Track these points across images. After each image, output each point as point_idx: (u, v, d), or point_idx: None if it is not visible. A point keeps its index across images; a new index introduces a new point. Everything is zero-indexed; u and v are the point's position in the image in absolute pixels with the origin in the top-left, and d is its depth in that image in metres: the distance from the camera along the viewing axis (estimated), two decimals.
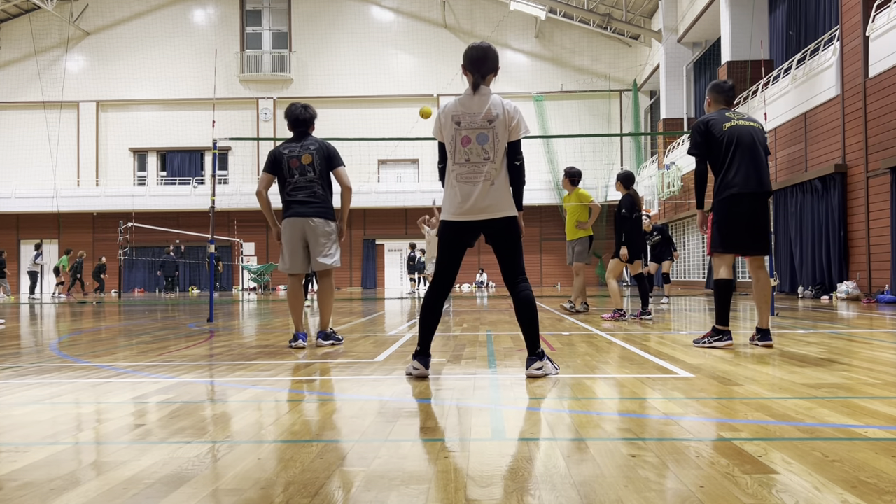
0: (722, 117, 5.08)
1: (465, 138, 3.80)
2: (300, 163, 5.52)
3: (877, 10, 13.04)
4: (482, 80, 3.88)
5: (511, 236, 3.83)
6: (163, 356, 5.02)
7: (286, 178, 5.53)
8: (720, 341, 4.96)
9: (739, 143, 4.97)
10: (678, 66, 26.24)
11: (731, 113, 5.12)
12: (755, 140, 5.02)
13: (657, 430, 2.51)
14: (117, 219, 26.14)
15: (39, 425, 2.74)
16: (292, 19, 34.08)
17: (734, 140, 4.98)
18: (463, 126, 3.80)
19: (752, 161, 4.95)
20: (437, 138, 3.90)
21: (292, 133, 5.67)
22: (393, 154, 32.28)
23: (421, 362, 3.86)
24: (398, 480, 1.93)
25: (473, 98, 3.84)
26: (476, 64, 3.88)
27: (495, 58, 3.93)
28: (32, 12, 33.53)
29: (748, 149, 4.97)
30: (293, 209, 5.50)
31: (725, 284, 5.00)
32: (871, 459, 2.05)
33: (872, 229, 13.13)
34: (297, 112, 5.65)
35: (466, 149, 3.79)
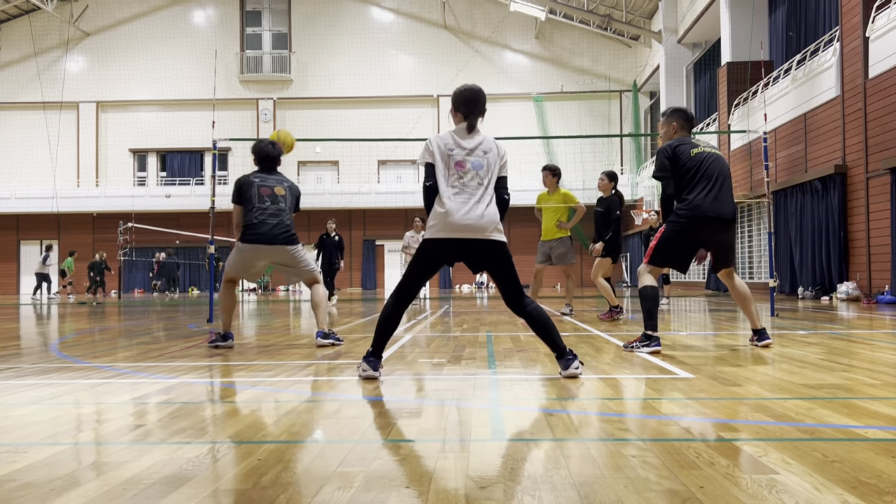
0: (689, 143, 5.14)
1: (460, 163, 3.85)
2: (272, 192, 5.73)
3: (877, 11, 13.05)
4: (475, 120, 3.98)
5: (505, 260, 3.86)
6: (163, 357, 5.02)
7: (255, 205, 5.66)
8: (648, 347, 4.90)
9: (708, 169, 5.03)
10: (678, 67, 26.25)
11: (696, 140, 5.19)
12: (722, 167, 5.12)
13: (657, 430, 2.51)
14: (117, 219, 26.14)
15: (39, 425, 2.74)
16: (292, 20, 34.08)
17: (702, 165, 5.03)
18: (456, 154, 3.87)
19: (722, 187, 5.01)
20: (427, 161, 3.89)
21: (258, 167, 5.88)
22: (393, 155, 32.27)
23: (370, 364, 3.81)
24: (398, 480, 1.92)
25: (468, 135, 3.94)
26: (470, 105, 4.00)
27: (485, 100, 4.10)
28: (32, 13, 33.54)
29: (716, 175, 5.03)
30: (262, 234, 5.61)
31: (654, 291, 5.05)
32: (871, 460, 2.05)
33: (872, 230, 13.13)
34: (266, 150, 5.86)
35: (461, 172, 3.84)
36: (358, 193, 31.47)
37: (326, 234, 14.38)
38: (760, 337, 5.10)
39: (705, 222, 4.92)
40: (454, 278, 32.06)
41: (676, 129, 5.33)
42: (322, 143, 32.17)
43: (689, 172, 5.02)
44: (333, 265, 14.16)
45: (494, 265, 3.85)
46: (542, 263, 9.11)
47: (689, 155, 5.06)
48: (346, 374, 4.05)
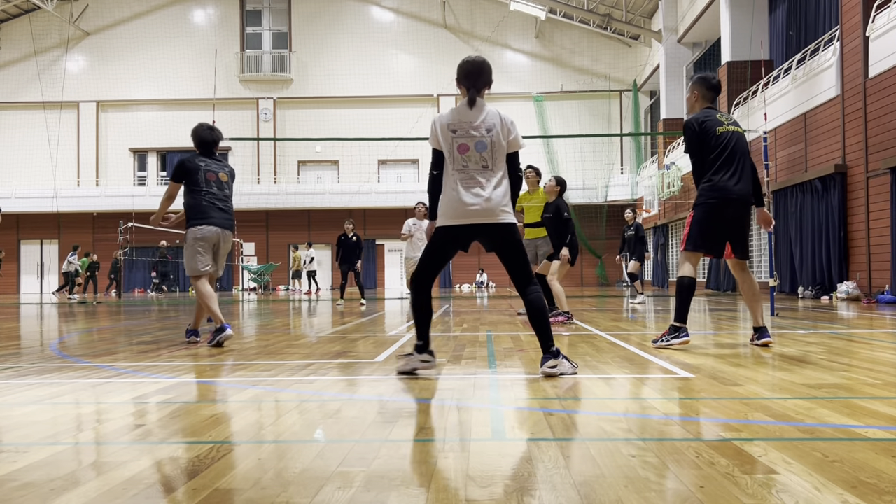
0: (714, 120, 5.05)
1: (463, 146, 3.83)
2: (217, 178, 5.96)
3: (877, 11, 13.04)
4: (477, 93, 3.94)
5: (515, 243, 3.86)
6: (163, 356, 5.02)
7: (202, 188, 5.86)
8: (677, 338, 4.95)
9: (734, 149, 4.99)
10: (678, 67, 26.25)
11: (721, 116, 5.09)
12: (744, 145, 5.08)
13: (657, 430, 2.51)
14: (117, 219, 26.14)
15: (39, 425, 2.74)
16: (292, 19, 34.08)
17: (729, 144, 4.99)
18: (459, 134, 3.84)
19: (745, 168, 5.00)
20: (433, 146, 3.90)
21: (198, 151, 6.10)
22: (393, 154, 32.27)
23: (431, 354, 3.92)
24: (398, 480, 1.93)
25: (470, 110, 3.89)
26: (471, 78, 3.96)
27: (489, 71, 4.03)
28: (32, 12, 33.53)
29: (741, 155, 5.01)
30: (214, 219, 5.83)
31: (690, 283, 5.00)
32: (871, 459, 2.05)
33: (872, 229, 13.13)
34: (203, 134, 6.09)
35: (464, 156, 3.82)
36: (358, 193, 31.47)
37: (345, 235, 13.79)
38: (760, 335, 5.10)
39: (731, 203, 4.93)
40: (454, 278, 32.06)
41: (698, 97, 5.24)
42: (322, 143, 32.17)
43: (714, 151, 4.99)
44: (354, 267, 13.70)
45: (503, 247, 3.86)
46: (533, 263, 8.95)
47: (714, 133, 5.00)
48: (347, 373, 4.06)
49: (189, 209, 5.84)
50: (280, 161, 33.43)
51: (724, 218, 4.95)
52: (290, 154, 33.64)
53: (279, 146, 33.25)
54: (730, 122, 5.07)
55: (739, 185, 4.95)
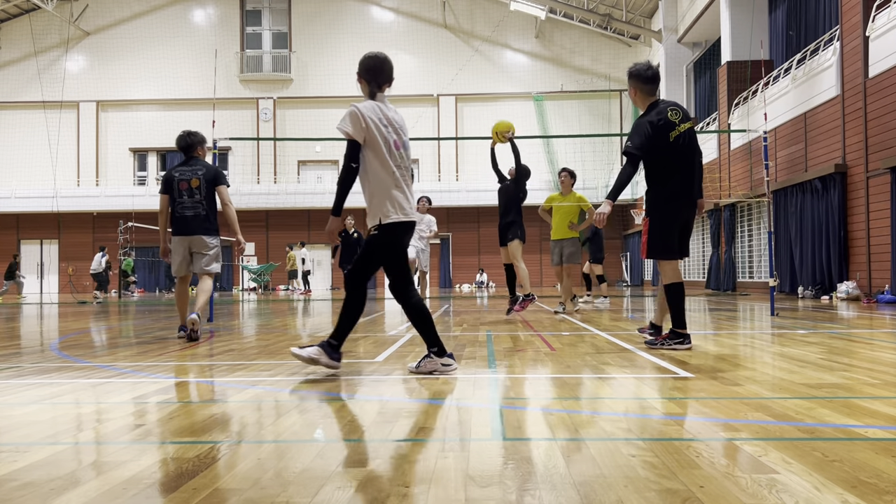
0: (667, 122, 4.86)
1: (396, 143, 3.92)
2: (189, 185, 6.33)
3: (877, 10, 13.04)
4: (378, 88, 3.95)
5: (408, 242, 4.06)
6: (163, 356, 5.02)
7: (175, 198, 6.37)
8: (681, 344, 4.89)
9: (687, 151, 4.92)
10: (678, 67, 26.24)
11: (672, 113, 4.91)
12: (696, 143, 5.02)
13: (657, 430, 2.51)
14: (117, 219, 26.15)
15: (39, 425, 2.74)
16: (292, 19, 34.07)
17: (683, 147, 4.89)
18: (391, 131, 3.90)
19: (696, 168, 5.01)
20: (357, 137, 3.80)
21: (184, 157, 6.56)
22: None
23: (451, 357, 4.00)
24: (398, 480, 1.93)
25: (388, 107, 3.96)
26: (373, 72, 3.95)
27: (391, 69, 4.02)
28: (32, 12, 33.52)
29: (693, 155, 4.97)
30: (180, 227, 6.36)
31: (680, 287, 4.95)
32: (871, 459, 2.05)
33: (872, 229, 13.13)
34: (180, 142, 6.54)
35: (399, 153, 3.92)
36: (358, 193, 31.39)
37: (346, 232, 13.31)
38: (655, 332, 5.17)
39: (689, 207, 4.97)
40: (454, 278, 32.06)
41: (637, 92, 5.09)
42: (322, 143, 32.15)
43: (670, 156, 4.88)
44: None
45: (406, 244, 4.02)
46: (559, 265, 9.65)
47: (668, 138, 4.86)
48: (347, 373, 4.06)
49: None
50: (280, 161, 33.43)
51: (681, 222, 4.97)
52: (290, 154, 33.65)
53: (279, 146, 33.24)
54: (680, 118, 4.92)
55: (694, 189, 4.97)
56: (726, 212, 20.17)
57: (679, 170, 4.90)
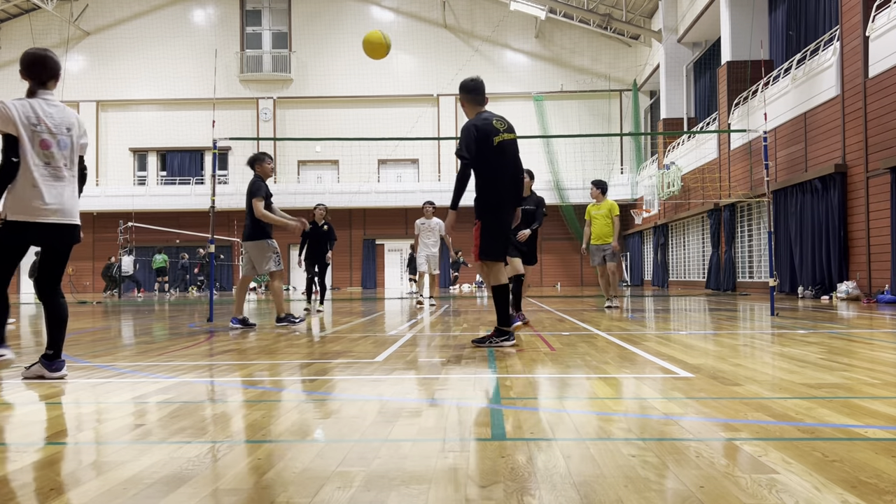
0: (492, 127, 5.21)
1: (45, 142, 3.80)
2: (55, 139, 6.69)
3: (877, 10, 13.04)
4: (41, 85, 3.90)
5: (72, 244, 3.97)
6: (163, 356, 5.02)
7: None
8: (507, 341, 5.18)
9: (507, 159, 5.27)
10: (678, 66, 26.24)
11: (497, 122, 5.28)
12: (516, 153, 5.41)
13: (657, 430, 2.51)
14: (117, 219, 26.16)
15: (39, 425, 2.74)
16: (292, 19, 34.07)
17: (506, 153, 5.24)
18: (42, 129, 3.80)
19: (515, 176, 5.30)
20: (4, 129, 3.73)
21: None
22: (393, 154, 32.26)
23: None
24: (398, 480, 1.93)
25: (50, 105, 3.87)
26: (33, 69, 3.89)
27: (55, 65, 3.95)
28: (32, 12, 33.53)
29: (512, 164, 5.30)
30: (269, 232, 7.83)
31: (505, 288, 5.28)
32: (871, 459, 2.05)
33: (872, 229, 13.13)
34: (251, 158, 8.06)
35: (47, 152, 3.81)
36: (358, 193, 31.47)
37: (314, 224, 10.84)
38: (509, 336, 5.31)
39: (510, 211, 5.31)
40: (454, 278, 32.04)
41: (465, 103, 5.46)
42: (322, 143, 32.16)
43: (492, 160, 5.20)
44: (322, 262, 11.03)
45: (64, 246, 3.93)
46: (601, 264, 11.05)
47: (491, 143, 5.19)
48: (347, 373, 4.06)
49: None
50: (280, 161, 33.41)
51: (506, 225, 5.31)
52: (290, 154, 33.65)
53: (279, 146, 33.24)
54: (505, 128, 5.31)
55: (517, 194, 5.31)
56: (726, 212, 20.17)
57: (505, 176, 5.25)
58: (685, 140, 24.97)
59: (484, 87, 5.46)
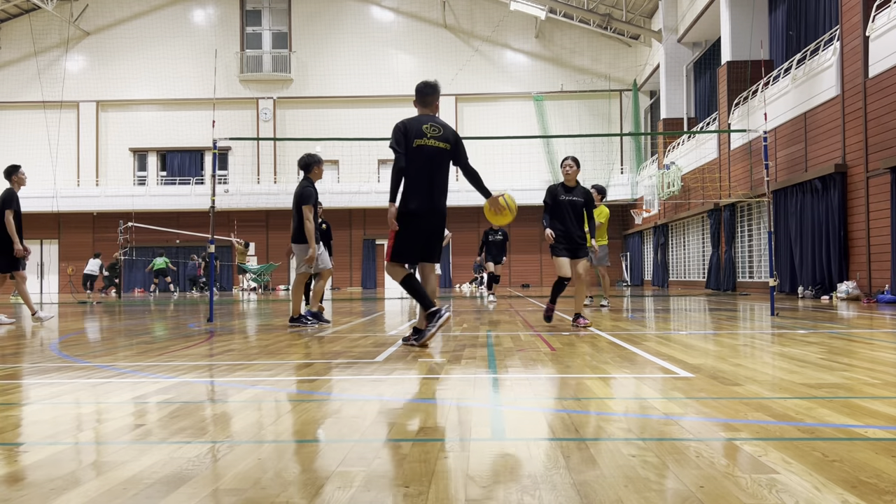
0: (418, 130, 5.28)
1: None
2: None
3: (877, 10, 13.04)
4: None
5: None
6: (163, 356, 5.02)
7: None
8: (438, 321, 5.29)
9: (428, 163, 5.27)
10: (678, 66, 26.24)
11: (429, 127, 5.32)
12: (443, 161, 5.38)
13: (657, 430, 2.51)
14: (117, 219, 26.16)
15: (39, 425, 2.74)
16: (292, 19, 34.07)
17: (424, 158, 5.26)
18: None
19: (437, 182, 5.32)
20: None
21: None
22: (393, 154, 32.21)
23: None
24: (398, 480, 1.92)
25: None
26: None
27: None
28: (32, 12, 33.52)
29: (428, 170, 5.28)
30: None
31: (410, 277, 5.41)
32: (871, 459, 2.05)
33: (872, 229, 13.13)
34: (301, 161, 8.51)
35: None
36: (358, 193, 31.46)
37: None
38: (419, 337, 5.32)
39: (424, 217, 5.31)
40: (454, 278, 32.06)
41: (416, 104, 5.55)
42: (322, 143, 32.15)
43: (412, 163, 5.26)
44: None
45: None
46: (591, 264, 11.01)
47: (412, 145, 5.26)
48: (347, 373, 4.06)
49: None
50: (280, 161, 33.42)
51: (419, 229, 5.33)
52: (290, 154, 33.64)
53: (279, 146, 33.24)
54: (434, 135, 5.32)
55: (430, 200, 5.29)
56: (726, 212, 20.17)
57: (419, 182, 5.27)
58: (685, 140, 24.97)
59: (433, 93, 5.48)
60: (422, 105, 5.50)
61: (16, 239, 8.59)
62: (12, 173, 8.93)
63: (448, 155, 5.40)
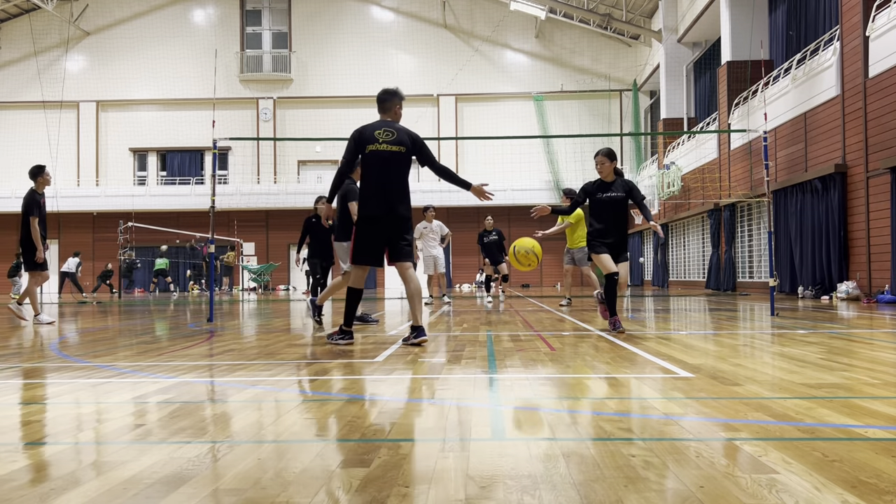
0: (370, 136, 5.47)
1: None
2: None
3: (877, 10, 13.04)
4: None
5: None
6: (163, 356, 5.02)
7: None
8: (343, 339, 5.52)
9: (381, 167, 5.41)
10: (678, 66, 26.24)
11: (382, 132, 5.49)
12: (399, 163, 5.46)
13: (657, 430, 2.51)
14: (117, 219, 26.16)
15: (39, 425, 2.74)
16: (292, 19, 34.07)
17: (377, 163, 5.42)
18: None
19: (383, 186, 5.40)
20: None
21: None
22: None
23: None
24: (399, 480, 1.93)
25: None
26: None
27: None
28: (32, 12, 33.52)
29: (383, 174, 5.41)
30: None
31: (358, 293, 5.58)
32: (871, 459, 2.05)
33: (872, 229, 13.13)
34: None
35: None
36: None
37: (316, 218, 9.46)
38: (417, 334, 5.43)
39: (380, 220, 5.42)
40: (454, 278, 32.05)
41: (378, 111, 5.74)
42: (322, 143, 32.15)
43: (365, 168, 5.46)
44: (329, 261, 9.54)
45: None
46: (571, 265, 12.04)
47: (364, 150, 5.45)
48: (347, 373, 4.06)
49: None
50: (280, 161, 33.42)
51: (377, 232, 5.45)
52: (290, 154, 33.64)
53: (279, 146, 33.23)
54: (387, 139, 5.48)
55: (385, 203, 5.38)
56: (726, 212, 20.17)
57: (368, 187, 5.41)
58: (685, 140, 24.97)
59: (390, 99, 5.70)
60: (381, 111, 5.70)
61: (39, 247, 8.69)
62: (38, 174, 8.98)
63: (404, 158, 5.51)
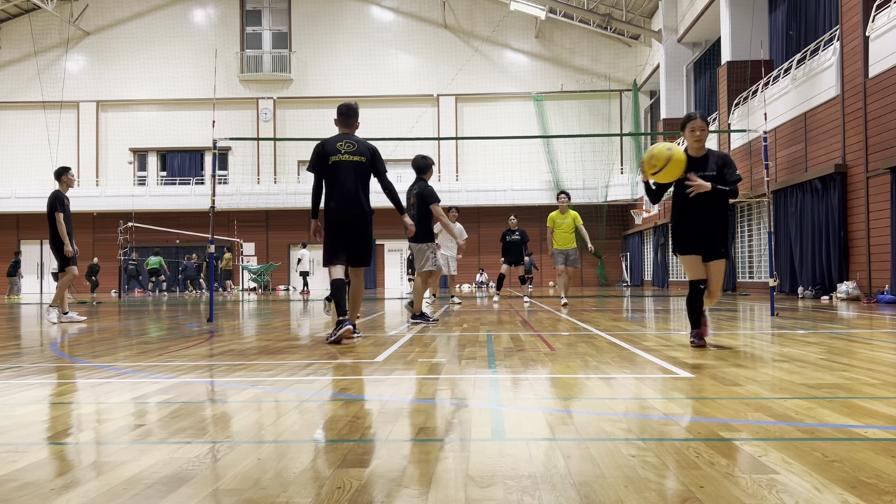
0: (332, 148, 5.93)
1: None
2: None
3: (877, 10, 13.04)
4: None
5: None
6: (163, 356, 5.02)
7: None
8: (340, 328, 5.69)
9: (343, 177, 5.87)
10: (678, 66, 26.23)
11: (343, 143, 5.93)
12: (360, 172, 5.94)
13: (657, 430, 2.51)
14: (117, 219, 26.16)
15: (39, 425, 2.74)
16: (292, 19, 34.07)
17: (339, 173, 5.87)
18: None
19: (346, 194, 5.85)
20: None
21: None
22: (393, 154, 32.09)
23: None
24: (398, 480, 1.92)
25: None
26: None
27: None
28: (32, 12, 33.52)
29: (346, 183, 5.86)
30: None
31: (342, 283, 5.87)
32: (871, 459, 2.05)
33: (872, 229, 13.13)
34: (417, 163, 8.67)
35: None
36: None
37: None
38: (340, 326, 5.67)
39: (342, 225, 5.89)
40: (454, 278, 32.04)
41: (336, 123, 6.14)
42: None
43: (327, 177, 5.91)
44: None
45: None
46: (563, 265, 11.86)
47: (327, 162, 5.90)
48: (347, 373, 4.06)
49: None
50: (280, 161, 33.42)
51: (341, 236, 5.90)
52: (290, 154, 33.64)
53: (279, 146, 33.23)
54: (349, 150, 5.93)
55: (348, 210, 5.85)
56: None
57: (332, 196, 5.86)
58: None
59: (353, 115, 6.13)
60: (342, 125, 6.11)
61: (66, 240, 8.93)
62: (62, 174, 9.19)
63: (366, 167, 5.99)
